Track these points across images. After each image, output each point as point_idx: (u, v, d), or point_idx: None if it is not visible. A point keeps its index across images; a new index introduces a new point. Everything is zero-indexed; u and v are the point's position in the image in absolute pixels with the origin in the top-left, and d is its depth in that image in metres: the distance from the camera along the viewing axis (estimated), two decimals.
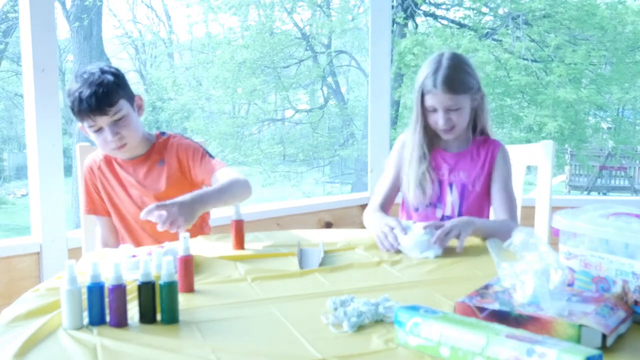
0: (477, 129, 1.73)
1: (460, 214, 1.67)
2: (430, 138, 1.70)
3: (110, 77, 1.58)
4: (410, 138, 1.71)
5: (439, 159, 1.72)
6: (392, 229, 1.45)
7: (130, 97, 1.65)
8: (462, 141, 1.73)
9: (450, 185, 1.70)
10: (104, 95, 1.56)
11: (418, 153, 1.68)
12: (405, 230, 1.44)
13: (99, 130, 1.61)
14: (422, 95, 1.64)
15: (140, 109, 1.70)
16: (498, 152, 1.70)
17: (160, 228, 1.37)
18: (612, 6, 8.96)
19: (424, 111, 1.66)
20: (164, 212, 1.36)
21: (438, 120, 1.63)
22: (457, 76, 1.61)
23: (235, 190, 1.56)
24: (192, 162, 1.69)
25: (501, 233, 1.53)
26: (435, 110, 1.63)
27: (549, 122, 8.52)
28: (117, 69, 1.64)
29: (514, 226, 1.60)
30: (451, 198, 1.70)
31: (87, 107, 1.56)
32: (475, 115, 1.70)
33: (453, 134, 1.67)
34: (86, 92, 1.55)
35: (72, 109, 1.60)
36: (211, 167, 1.66)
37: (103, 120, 1.59)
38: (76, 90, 1.57)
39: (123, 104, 1.61)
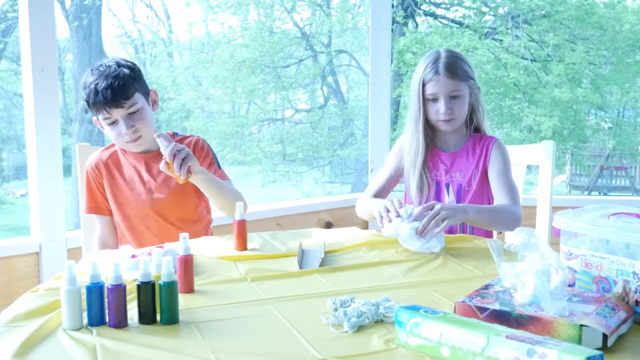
0: (472, 125, 1.74)
1: None
2: (428, 138, 1.72)
3: (126, 71, 1.59)
4: (409, 140, 1.73)
5: (436, 159, 1.74)
6: (393, 203, 1.47)
7: (146, 91, 1.66)
8: (459, 137, 1.74)
9: (447, 185, 1.71)
10: (119, 88, 1.57)
11: (417, 156, 1.70)
12: (401, 214, 1.44)
13: (114, 123, 1.62)
14: (423, 87, 1.67)
15: (155, 103, 1.71)
16: (492, 147, 1.70)
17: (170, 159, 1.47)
18: (610, 5, 8.96)
19: (425, 103, 1.68)
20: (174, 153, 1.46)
21: (440, 109, 1.66)
22: (457, 63, 1.67)
23: (233, 198, 1.61)
24: (204, 164, 1.69)
25: (501, 216, 1.57)
26: (436, 99, 1.66)
27: (545, 121, 8.53)
28: (133, 63, 1.65)
29: (516, 210, 1.61)
30: (448, 199, 1.71)
31: (103, 99, 1.57)
32: (472, 110, 1.73)
33: (452, 125, 1.69)
34: (102, 84, 1.56)
35: (88, 102, 1.60)
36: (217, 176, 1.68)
37: (118, 113, 1.59)
38: (92, 83, 1.58)
39: (138, 97, 1.61)
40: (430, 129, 1.72)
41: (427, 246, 1.38)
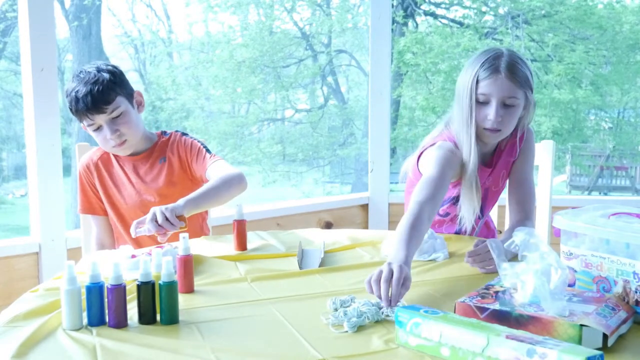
0: (515, 133, 1.58)
1: (482, 214, 1.64)
2: (481, 144, 1.54)
3: (106, 75, 1.59)
4: (461, 146, 1.50)
5: (480, 173, 1.57)
6: (397, 283, 1.05)
7: (129, 93, 1.65)
8: (494, 148, 1.60)
9: None
10: (99, 94, 1.56)
11: (474, 166, 1.49)
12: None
13: (99, 128, 1.62)
14: (476, 84, 1.46)
15: (140, 105, 1.70)
16: (524, 144, 1.59)
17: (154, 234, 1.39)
18: (609, 6, 8.97)
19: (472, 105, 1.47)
20: (155, 231, 1.37)
21: (489, 114, 1.45)
22: (521, 66, 1.47)
23: (227, 187, 1.55)
24: (191, 158, 1.69)
25: None
26: (487, 102, 1.46)
27: (545, 121, 8.53)
28: (114, 67, 1.64)
29: (533, 225, 1.54)
30: None
31: (84, 106, 1.57)
32: (518, 123, 1.55)
33: (498, 137, 1.51)
34: (82, 91, 1.57)
35: (70, 109, 1.61)
36: (206, 163, 1.66)
37: (101, 119, 1.60)
38: (73, 90, 1.59)
39: (120, 101, 1.61)
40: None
41: (430, 258, 1.38)
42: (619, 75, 9.12)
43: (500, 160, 1.60)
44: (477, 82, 1.46)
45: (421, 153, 1.56)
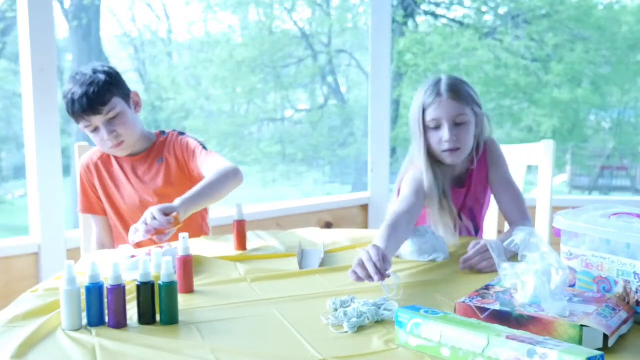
0: (478, 156, 1.59)
1: (476, 230, 1.65)
2: (442, 167, 1.54)
3: (102, 77, 1.59)
4: (426, 178, 1.52)
5: (454, 195, 1.58)
6: (377, 258, 1.12)
7: (125, 94, 1.66)
8: (465, 169, 1.60)
9: (459, 213, 1.61)
10: (95, 95, 1.57)
11: (438, 191, 1.51)
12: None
13: (96, 129, 1.62)
14: (423, 113, 1.50)
15: (137, 105, 1.70)
16: (488, 155, 1.60)
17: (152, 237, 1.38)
18: (609, 6, 8.99)
19: (426, 132, 1.51)
20: (144, 231, 1.35)
21: (443, 136, 1.48)
22: (460, 86, 1.52)
23: (222, 183, 1.53)
24: (187, 157, 1.69)
25: None
26: (438, 126, 1.49)
27: (545, 121, 8.55)
28: (110, 68, 1.65)
29: (531, 226, 1.53)
30: (463, 224, 1.64)
31: (80, 107, 1.58)
32: (477, 143, 1.57)
33: (458, 156, 1.52)
34: (78, 93, 1.57)
35: (67, 111, 1.62)
36: (202, 159, 1.66)
37: (97, 120, 1.60)
38: (69, 92, 1.59)
39: (117, 101, 1.61)
40: (436, 160, 1.53)
41: (430, 259, 1.38)
42: (619, 75, 9.13)
43: (473, 180, 1.61)
44: (424, 110, 1.50)
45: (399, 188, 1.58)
